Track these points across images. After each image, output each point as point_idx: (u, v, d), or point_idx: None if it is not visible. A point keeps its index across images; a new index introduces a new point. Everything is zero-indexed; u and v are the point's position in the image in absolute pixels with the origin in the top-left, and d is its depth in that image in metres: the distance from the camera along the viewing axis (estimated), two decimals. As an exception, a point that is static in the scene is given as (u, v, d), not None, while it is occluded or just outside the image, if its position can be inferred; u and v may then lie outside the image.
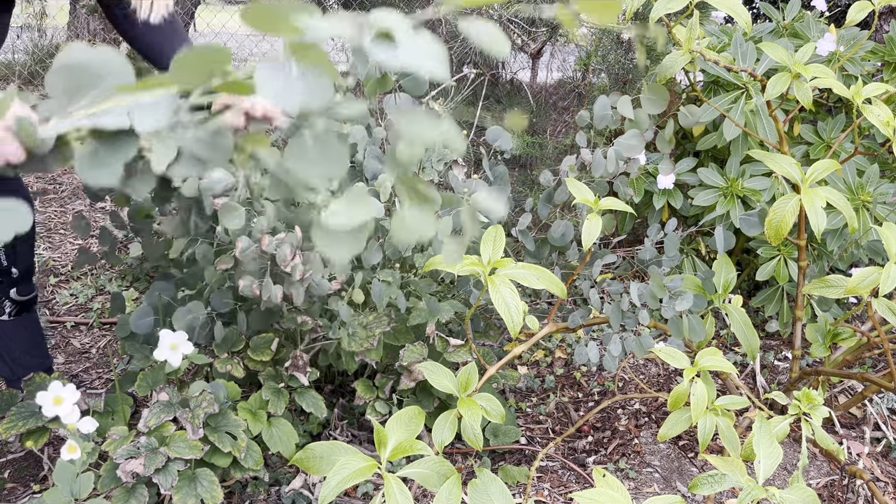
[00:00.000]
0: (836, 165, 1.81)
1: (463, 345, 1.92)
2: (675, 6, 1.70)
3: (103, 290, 2.95)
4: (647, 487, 2.01)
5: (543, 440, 2.22)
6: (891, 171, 2.51)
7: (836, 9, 4.02)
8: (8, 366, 2.02)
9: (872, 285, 1.67)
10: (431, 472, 1.30)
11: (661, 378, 2.54)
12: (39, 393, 1.51)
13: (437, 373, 1.51)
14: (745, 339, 1.85)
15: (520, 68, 4.03)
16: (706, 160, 2.60)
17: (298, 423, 2.02)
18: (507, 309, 1.43)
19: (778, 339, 2.73)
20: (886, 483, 2.02)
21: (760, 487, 1.28)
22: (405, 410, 1.38)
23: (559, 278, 1.73)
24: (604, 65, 3.30)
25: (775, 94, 1.76)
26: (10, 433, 1.72)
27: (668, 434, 1.62)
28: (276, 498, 1.88)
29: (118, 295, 2.10)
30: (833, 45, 2.14)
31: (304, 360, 1.86)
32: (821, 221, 1.72)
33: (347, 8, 3.93)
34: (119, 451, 1.58)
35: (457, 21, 2.95)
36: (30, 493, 1.88)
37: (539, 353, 2.62)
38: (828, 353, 2.05)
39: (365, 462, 1.24)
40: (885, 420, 2.24)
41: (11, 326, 1.98)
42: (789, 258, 2.39)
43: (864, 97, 1.77)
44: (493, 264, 1.47)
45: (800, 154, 2.47)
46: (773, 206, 1.78)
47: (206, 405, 1.66)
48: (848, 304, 2.61)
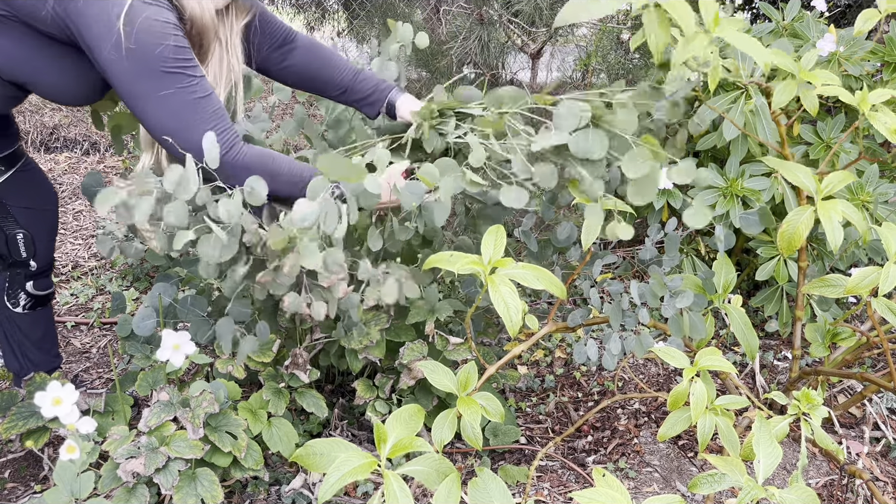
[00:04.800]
0: (851, 177, 1.78)
1: (463, 343, 1.92)
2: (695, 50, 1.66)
3: (103, 290, 2.96)
4: (647, 487, 2.02)
5: (543, 440, 2.22)
6: (890, 172, 2.52)
7: (836, 9, 4.03)
8: (18, 360, 2.03)
9: (872, 285, 1.67)
10: (431, 470, 1.30)
11: (660, 378, 2.54)
12: (38, 393, 1.51)
13: (437, 371, 1.52)
14: (744, 339, 1.85)
15: (520, 68, 4.03)
16: (706, 160, 2.60)
17: (298, 422, 2.02)
18: (506, 308, 1.43)
19: (777, 338, 2.73)
20: (886, 483, 2.03)
21: (760, 487, 1.28)
22: (405, 408, 1.38)
23: (560, 279, 1.73)
24: (604, 65, 3.30)
25: (783, 102, 1.74)
26: (10, 433, 1.72)
27: (667, 434, 1.63)
28: (276, 498, 1.88)
29: (118, 295, 2.10)
30: (833, 46, 2.14)
31: (304, 357, 1.86)
32: (838, 237, 1.67)
33: (347, 9, 3.94)
34: (119, 450, 1.58)
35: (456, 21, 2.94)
36: (30, 493, 1.88)
37: (539, 352, 2.62)
38: (827, 352, 2.06)
39: (365, 459, 1.24)
40: (884, 420, 2.24)
41: (25, 320, 1.98)
42: (789, 258, 2.40)
43: (870, 104, 1.75)
44: (493, 263, 1.48)
45: (799, 154, 2.48)
46: (786, 217, 1.75)
47: (207, 405, 1.66)
48: (847, 303, 2.61)
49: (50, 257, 1.96)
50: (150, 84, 1.43)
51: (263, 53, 1.81)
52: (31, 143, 4.36)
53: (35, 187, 1.90)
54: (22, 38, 1.53)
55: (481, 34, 3.21)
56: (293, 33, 1.85)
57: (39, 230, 1.91)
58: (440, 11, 3.82)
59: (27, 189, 1.87)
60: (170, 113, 1.45)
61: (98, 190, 1.98)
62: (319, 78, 1.86)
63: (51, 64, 1.56)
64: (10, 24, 1.51)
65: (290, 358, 1.86)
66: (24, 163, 1.86)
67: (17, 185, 1.84)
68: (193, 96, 1.45)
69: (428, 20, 3.90)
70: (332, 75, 1.85)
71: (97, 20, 1.41)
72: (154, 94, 1.43)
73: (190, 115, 1.45)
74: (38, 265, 1.93)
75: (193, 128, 1.45)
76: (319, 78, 1.86)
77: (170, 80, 1.43)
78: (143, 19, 1.40)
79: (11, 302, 1.95)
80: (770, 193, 2.38)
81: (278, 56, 1.83)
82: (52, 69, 1.57)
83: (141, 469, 1.55)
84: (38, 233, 1.91)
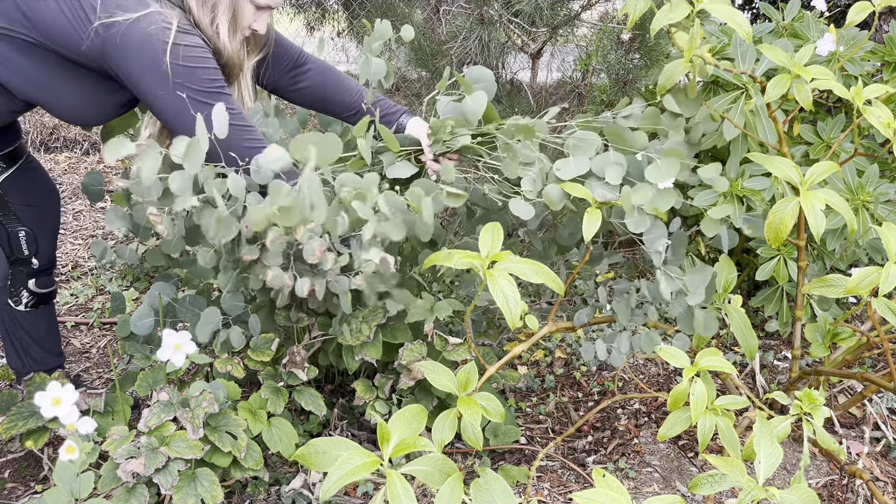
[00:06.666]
0: (835, 167, 1.81)
1: (462, 343, 1.92)
2: (676, 16, 1.69)
3: (103, 290, 2.95)
4: (647, 487, 2.01)
5: (543, 440, 2.22)
6: (890, 171, 2.51)
7: (836, 9, 4.03)
8: (20, 358, 2.03)
9: (872, 285, 1.67)
10: (434, 470, 1.30)
11: (660, 378, 2.54)
12: (38, 393, 1.51)
13: (437, 372, 1.51)
14: (744, 339, 1.85)
15: (520, 68, 4.03)
16: (706, 160, 2.60)
17: (298, 422, 2.02)
18: (505, 301, 1.43)
19: (777, 338, 2.73)
20: (886, 483, 2.03)
21: (760, 487, 1.28)
22: (407, 408, 1.38)
23: (564, 278, 1.74)
24: (604, 65, 3.30)
25: (775, 95, 1.76)
26: (10, 433, 1.72)
27: (667, 434, 1.62)
28: (276, 498, 1.88)
29: (118, 295, 2.10)
30: (833, 46, 2.14)
31: (302, 355, 1.86)
32: (820, 224, 1.71)
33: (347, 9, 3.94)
34: (119, 450, 1.58)
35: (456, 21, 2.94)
36: (30, 493, 1.88)
37: (539, 352, 2.62)
38: (827, 352, 2.05)
39: (367, 457, 1.24)
40: (884, 420, 2.24)
41: (27, 318, 1.99)
42: (789, 258, 2.40)
43: (864, 99, 1.77)
44: (491, 257, 1.48)
45: (799, 154, 2.47)
46: (772, 208, 1.77)
47: (207, 405, 1.66)
48: (848, 303, 2.61)
49: (52, 255, 1.97)
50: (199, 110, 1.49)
51: (276, 75, 1.85)
52: (31, 142, 4.36)
53: (37, 185, 1.91)
54: (45, 62, 1.57)
55: (481, 34, 3.21)
56: (305, 56, 1.89)
57: (41, 228, 1.91)
58: (440, 11, 3.82)
59: (29, 187, 1.88)
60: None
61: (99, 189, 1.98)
62: (331, 100, 1.90)
63: (71, 87, 1.60)
64: (34, 49, 1.55)
65: (288, 356, 1.86)
66: (25, 160, 1.86)
67: (20, 183, 1.85)
68: (232, 112, 1.52)
69: (428, 20, 3.90)
70: (344, 98, 1.89)
71: (140, 55, 1.49)
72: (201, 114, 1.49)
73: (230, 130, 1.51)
74: (41, 263, 1.93)
75: (232, 143, 1.52)
76: (331, 100, 1.90)
77: (214, 99, 1.52)
78: (184, 48, 1.49)
79: (14, 300, 1.95)
80: (770, 193, 2.38)
81: (291, 78, 1.87)
82: (73, 92, 1.61)
83: (141, 469, 1.55)
84: (41, 230, 1.91)
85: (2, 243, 1.89)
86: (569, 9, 3.45)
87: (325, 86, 1.89)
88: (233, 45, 1.60)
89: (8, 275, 1.93)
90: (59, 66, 1.57)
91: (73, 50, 1.53)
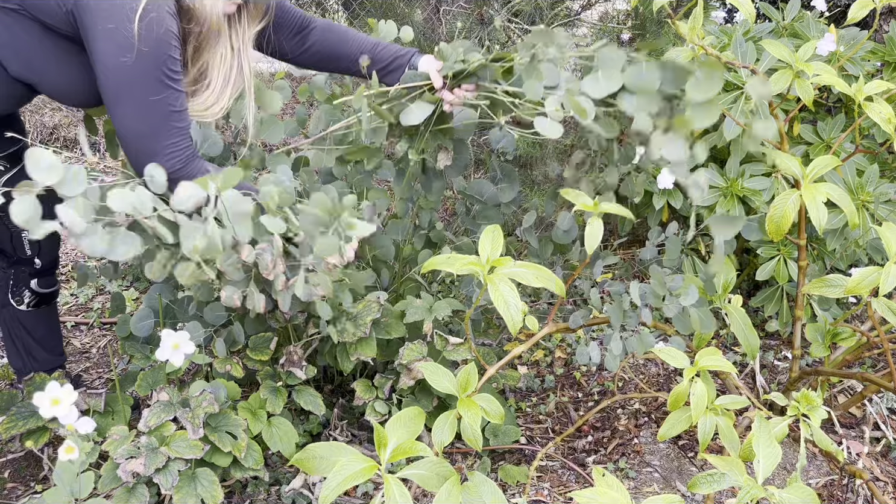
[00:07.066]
0: (837, 161, 1.81)
1: (462, 343, 1.92)
2: None
3: (103, 290, 2.96)
4: (647, 487, 2.02)
5: (543, 440, 2.22)
6: (890, 171, 2.51)
7: (836, 9, 4.02)
8: (21, 358, 2.03)
9: (872, 285, 1.67)
10: (431, 474, 1.30)
11: (660, 378, 2.54)
12: (37, 393, 1.51)
13: (437, 373, 1.51)
14: (744, 339, 1.85)
15: (520, 68, 4.02)
16: (706, 160, 2.60)
17: (298, 422, 2.02)
18: (506, 307, 1.43)
19: (778, 338, 2.73)
20: (886, 483, 2.03)
21: (760, 487, 1.28)
22: (406, 411, 1.38)
23: (561, 278, 1.74)
24: (604, 65, 3.29)
25: (776, 91, 1.77)
26: (10, 433, 1.72)
27: (667, 434, 1.63)
28: (276, 498, 1.88)
29: (118, 295, 2.10)
30: (833, 45, 2.14)
31: (299, 354, 1.86)
32: (822, 216, 1.71)
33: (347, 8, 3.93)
34: (119, 450, 1.58)
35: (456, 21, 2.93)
36: (30, 493, 1.88)
37: (539, 353, 2.62)
38: (827, 352, 2.05)
39: (365, 463, 1.24)
40: (884, 420, 2.24)
41: (29, 317, 1.99)
42: (789, 258, 2.40)
43: (865, 94, 1.77)
44: (491, 263, 1.47)
45: (800, 154, 2.47)
46: (773, 202, 1.77)
47: (207, 405, 1.66)
48: (848, 303, 2.61)
49: (54, 255, 1.97)
50: (144, 88, 1.44)
51: (280, 42, 1.81)
52: (31, 143, 4.37)
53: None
54: (30, 33, 1.53)
55: (481, 34, 3.21)
56: (308, 18, 1.83)
57: None
58: (440, 11, 3.81)
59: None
60: (144, 117, 1.47)
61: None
62: (338, 54, 1.84)
63: (58, 62, 1.57)
64: (18, 17, 1.52)
65: (286, 355, 1.86)
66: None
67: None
68: (171, 108, 1.48)
69: (428, 20, 3.89)
70: (351, 49, 1.83)
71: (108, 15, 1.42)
72: (144, 97, 1.45)
73: (161, 123, 1.47)
74: (43, 263, 1.93)
75: (157, 136, 1.48)
76: (338, 54, 1.84)
77: (161, 89, 1.46)
78: (156, 25, 1.42)
79: (16, 300, 1.95)
80: (770, 193, 2.38)
81: (296, 43, 1.82)
82: (60, 67, 1.58)
83: (141, 469, 1.55)
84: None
85: (4, 243, 1.89)
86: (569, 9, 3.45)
87: (330, 42, 1.83)
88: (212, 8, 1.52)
89: (10, 275, 1.93)
90: (44, 36, 1.53)
91: (51, 15, 1.49)
